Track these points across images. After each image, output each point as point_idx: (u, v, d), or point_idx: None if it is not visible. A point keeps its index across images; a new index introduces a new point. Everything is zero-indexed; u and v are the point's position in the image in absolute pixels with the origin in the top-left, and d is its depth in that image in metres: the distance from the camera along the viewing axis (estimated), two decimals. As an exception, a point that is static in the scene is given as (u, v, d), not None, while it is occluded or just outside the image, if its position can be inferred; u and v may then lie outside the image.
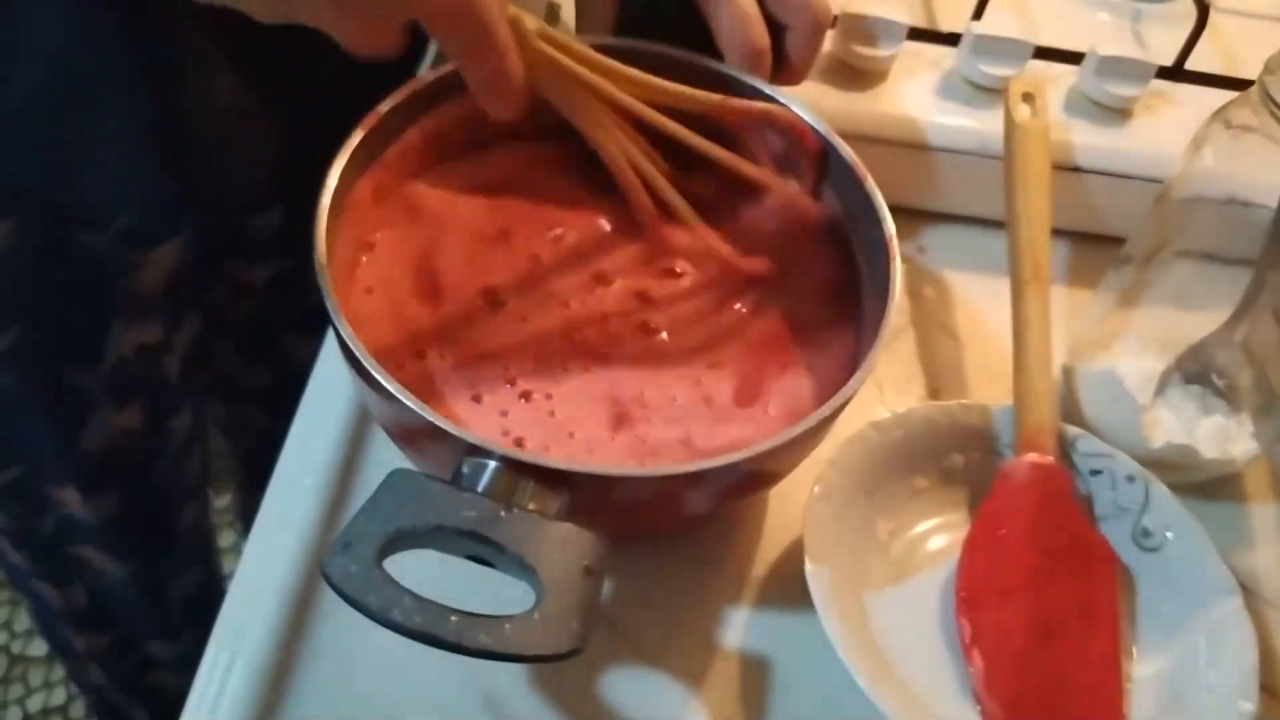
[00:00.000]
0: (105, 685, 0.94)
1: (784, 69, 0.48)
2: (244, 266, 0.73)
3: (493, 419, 0.42)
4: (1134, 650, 0.44)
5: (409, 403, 0.37)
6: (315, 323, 0.51)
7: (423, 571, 0.34)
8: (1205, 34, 0.58)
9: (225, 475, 1.15)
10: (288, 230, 0.70)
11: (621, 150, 0.46)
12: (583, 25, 0.51)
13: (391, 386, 0.37)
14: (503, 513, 0.34)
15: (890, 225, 0.44)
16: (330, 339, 0.52)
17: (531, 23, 0.41)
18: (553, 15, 0.59)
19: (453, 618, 0.32)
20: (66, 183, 0.55)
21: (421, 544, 0.34)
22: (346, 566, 0.32)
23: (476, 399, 0.43)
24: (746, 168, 0.48)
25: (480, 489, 0.35)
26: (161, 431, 0.72)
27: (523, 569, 0.34)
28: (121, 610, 0.84)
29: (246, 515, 1.09)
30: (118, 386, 0.66)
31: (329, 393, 0.50)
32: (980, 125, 0.57)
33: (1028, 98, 0.53)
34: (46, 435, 0.67)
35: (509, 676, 0.42)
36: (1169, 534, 0.46)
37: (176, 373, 0.69)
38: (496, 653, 0.32)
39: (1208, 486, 0.50)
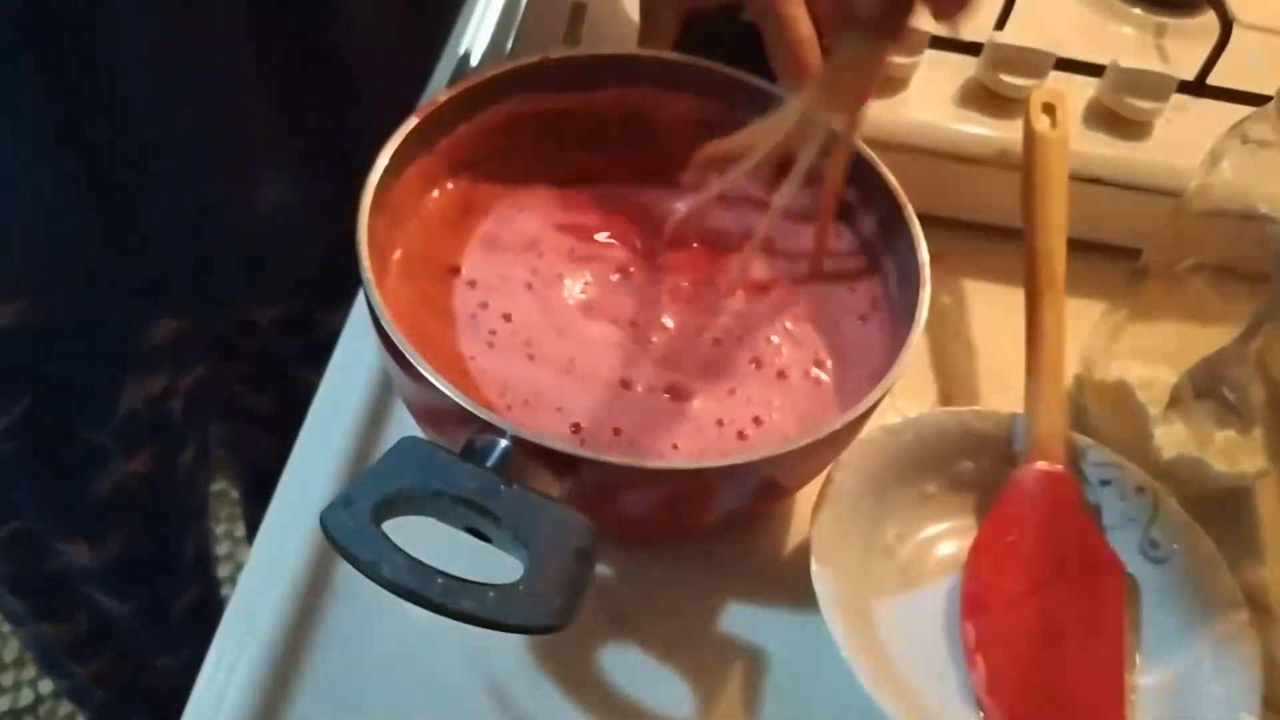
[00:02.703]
0: (106, 700, 0.95)
1: None
2: (253, 308, 0.73)
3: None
4: (1138, 660, 0.44)
5: (431, 377, 0.37)
6: (321, 355, 0.52)
7: (427, 547, 0.35)
8: (1229, 49, 0.58)
9: (229, 475, 1.15)
10: (297, 279, 0.70)
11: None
12: (645, 40, 0.52)
13: (413, 358, 0.38)
14: (503, 487, 0.35)
15: (924, 253, 0.45)
16: (348, 332, 0.52)
17: None
18: (578, 15, 0.60)
19: (439, 579, 0.33)
20: (94, 282, 0.56)
21: (420, 508, 0.35)
22: (344, 521, 0.33)
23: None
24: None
25: (488, 464, 0.36)
26: (169, 470, 0.72)
27: (515, 542, 0.34)
28: (123, 634, 0.85)
29: (251, 524, 1.09)
30: (128, 437, 0.66)
31: (342, 390, 0.50)
32: (1000, 134, 0.57)
33: (1048, 108, 0.53)
34: (54, 492, 0.68)
35: (516, 666, 0.43)
36: (1176, 546, 0.46)
37: (181, 413, 0.69)
38: (478, 618, 0.32)
39: (1217, 500, 0.50)
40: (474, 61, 0.59)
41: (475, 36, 0.60)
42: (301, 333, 0.74)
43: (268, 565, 0.45)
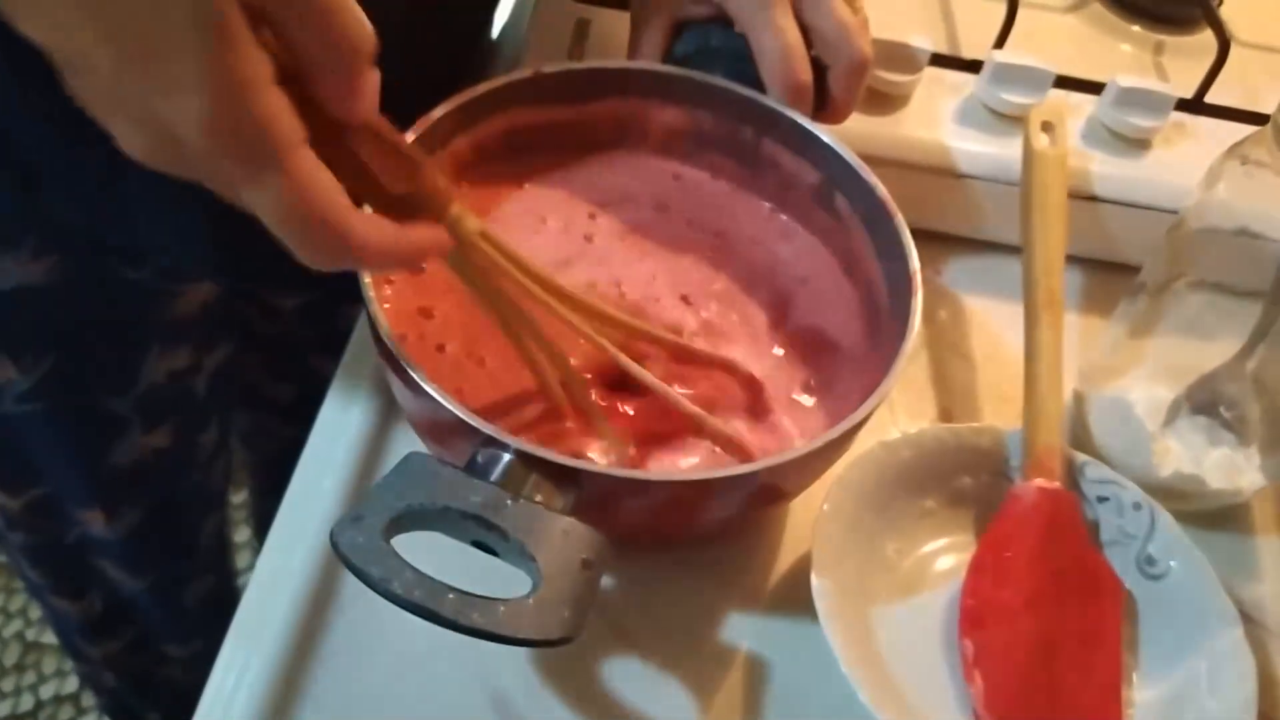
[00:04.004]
0: (118, 687, 0.95)
1: (826, 107, 0.49)
2: (275, 293, 0.74)
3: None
4: (1134, 676, 0.45)
5: (432, 391, 0.38)
6: (341, 345, 0.52)
7: (435, 559, 0.35)
8: (1226, 67, 0.59)
9: (241, 471, 1.16)
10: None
11: (543, 352, 0.42)
12: (634, 51, 0.53)
13: (416, 374, 0.38)
14: (509, 501, 0.35)
15: (915, 261, 0.45)
16: (355, 339, 0.53)
17: (473, 224, 0.37)
18: (582, 31, 0.60)
19: (450, 595, 0.33)
20: (119, 231, 0.56)
21: (429, 524, 0.35)
22: (354, 538, 0.33)
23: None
24: (684, 405, 0.44)
25: (492, 478, 0.36)
26: (189, 448, 0.73)
27: (523, 556, 0.35)
28: (137, 616, 0.85)
29: (259, 517, 1.10)
30: (149, 409, 0.66)
31: (351, 396, 0.51)
32: (999, 152, 0.57)
33: (1047, 126, 0.54)
34: (75, 458, 0.68)
35: (518, 677, 0.43)
36: (1173, 562, 0.46)
37: (204, 391, 0.70)
38: (488, 632, 0.33)
39: (1213, 516, 0.51)
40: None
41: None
42: (322, 322, 0.75)
43: (274, 576, 0.45)
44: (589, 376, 0.44)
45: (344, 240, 0.32)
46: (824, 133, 0.49)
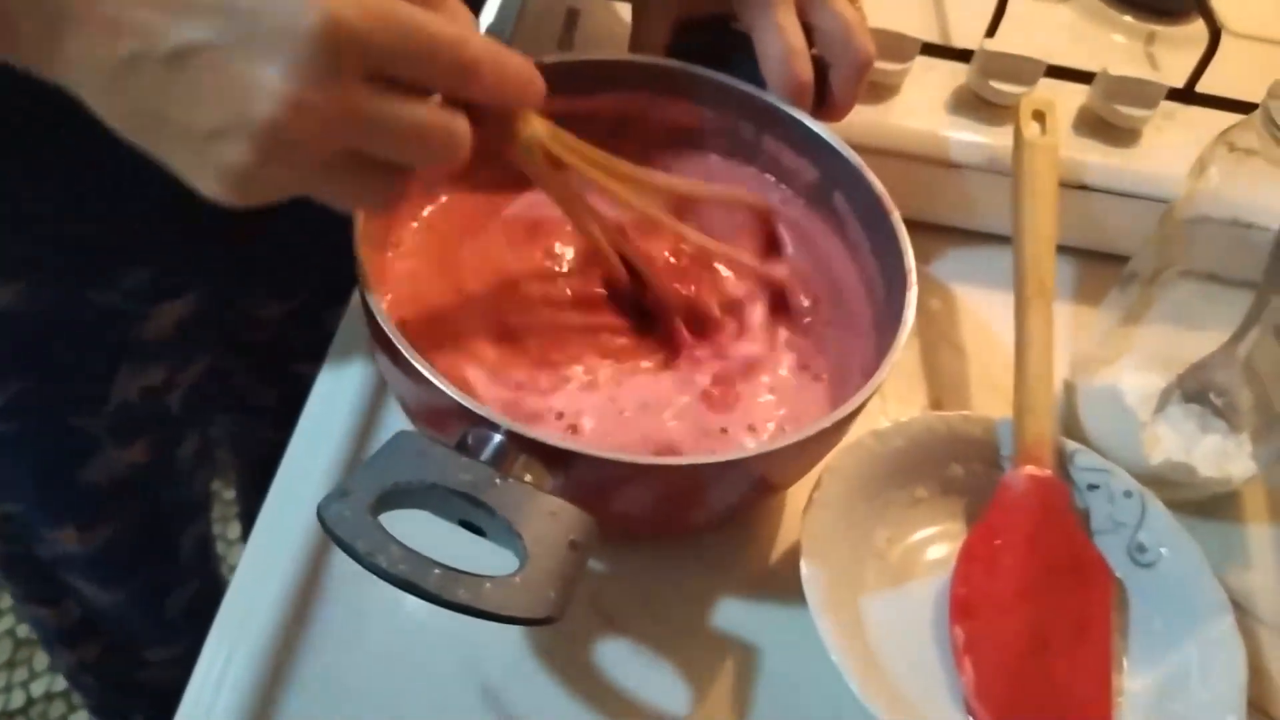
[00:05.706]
0: (100, 688, 0.95)
1: (826, 105, 0.49)
2: (258, 304, 0.73)
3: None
4: (1125, 664, 0.45)
5: (425, 371, 0.38)
6: (324, 351, 0.52)
7: (423, 544, 0.35)
8: (1217, 57, 0.58)
9: (231, 470, 1.16)
10: (301, 272, 0.71)
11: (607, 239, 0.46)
12: (636, 45, 0.52)
13: (407, 352, 0.38)
14: (498, 480, 0.35)
15: (911, 258, 0.45)
16: (344, 327, 0.52)
17: (542, 129, 0.41)
18: (572, 20, 0.60)
19: (435, 570, 0.33)
20: (110, 240, 0.56)
21: (416, 501, 0.35)
22: (341, 511, 0.33)
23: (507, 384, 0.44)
24: (701, 239, 0.48)
25: (482, 458, 0.36)
26: (168, 461, 0.72)
27: (510, 534, 0.35)
28: (115, 624, 0.85)
29: (248, 515, 1.09)
30: (121, 427, 0.66)
31: (337, 389, 0.51)
32: (990, 141, 0.57)
33: (1038, 116, 0.53)
34: (45, 478, 0.68)
35: (508, 666, 0.43)
36: (1164, 550, 0.46)
37: (180, 406, 0.70)
38: (473, 608, 0.33)
39: (1204, 504, 0.51)
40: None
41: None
42: (309, 327, 0.75)
43: (261, 565, 0.45)
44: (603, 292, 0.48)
45: (458, 47, 0.34)
46: (825, 131, 0.49)
